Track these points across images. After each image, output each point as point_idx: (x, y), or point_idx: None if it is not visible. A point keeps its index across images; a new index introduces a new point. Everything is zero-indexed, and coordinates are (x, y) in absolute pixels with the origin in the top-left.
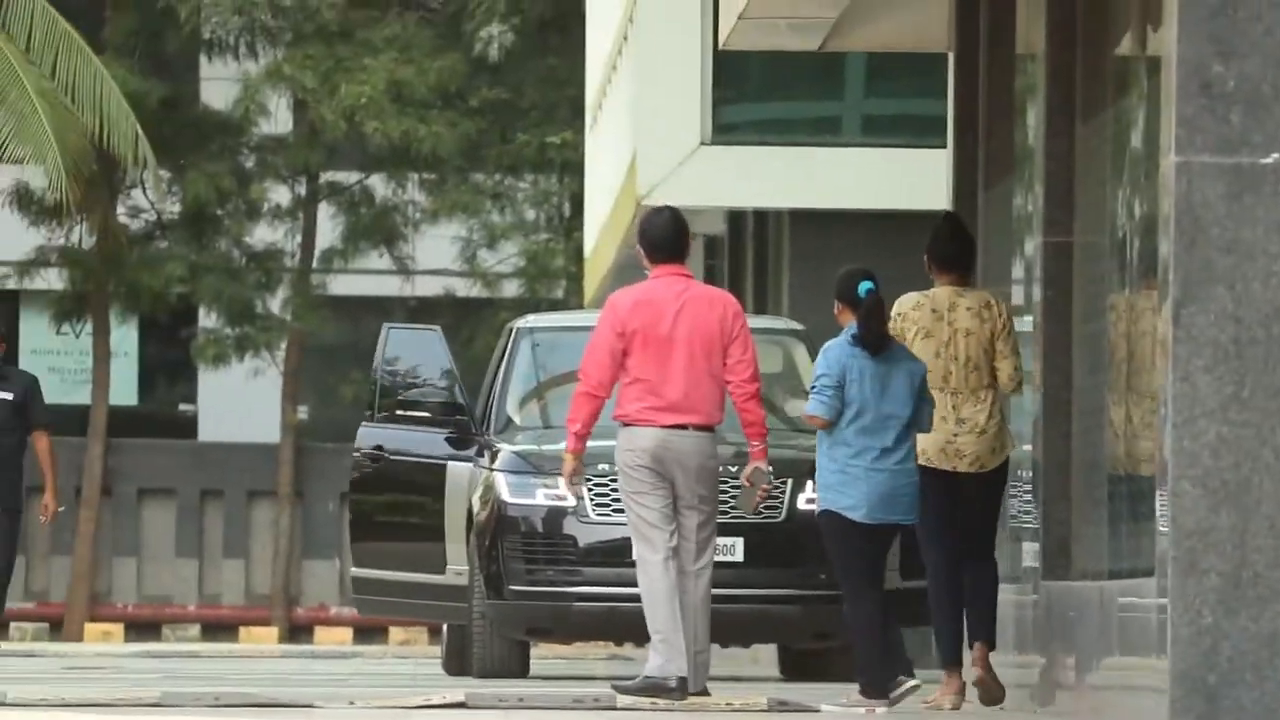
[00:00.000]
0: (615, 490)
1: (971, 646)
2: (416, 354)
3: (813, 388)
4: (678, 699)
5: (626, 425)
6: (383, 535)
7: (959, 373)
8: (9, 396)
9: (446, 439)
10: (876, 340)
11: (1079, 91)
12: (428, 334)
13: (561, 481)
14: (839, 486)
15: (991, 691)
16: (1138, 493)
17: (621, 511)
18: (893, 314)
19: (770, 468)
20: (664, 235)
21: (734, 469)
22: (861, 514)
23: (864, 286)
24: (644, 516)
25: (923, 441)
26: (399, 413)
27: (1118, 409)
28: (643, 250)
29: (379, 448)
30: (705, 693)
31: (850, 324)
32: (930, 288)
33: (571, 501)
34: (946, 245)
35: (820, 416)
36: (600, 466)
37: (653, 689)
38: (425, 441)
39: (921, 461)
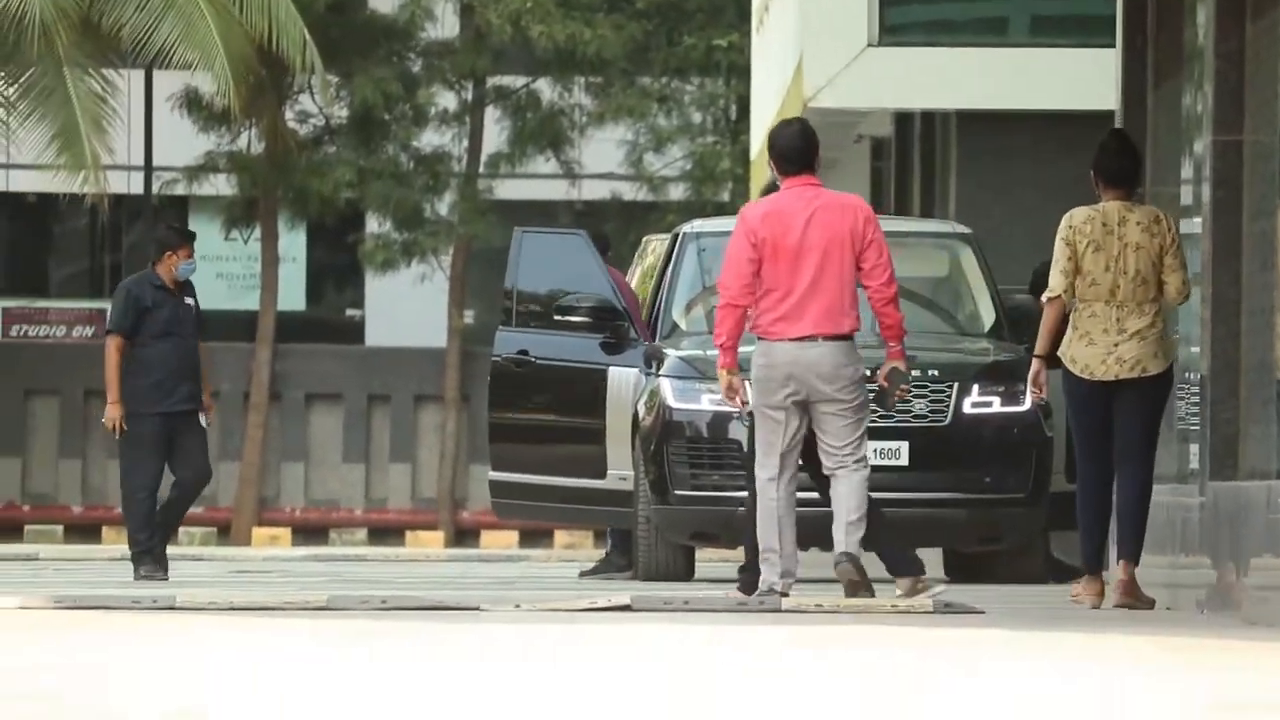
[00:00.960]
0: None
1: (1118, 560)
2: (555, 259)
3: None
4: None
5: (761, 339)
6: (532, 440)
7: (1127, 286)
8: (193, 303)
9: (602, 344)
10: None
11: None
12: (572, 238)
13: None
14: None
15: (1140, 607)
16: None
17: None
18: (1063, 224)
19: (907, 368)
20: (793, 146)
21: (875, 370)
22: None
23: None
24: (766, 433)
25: (1083, 356)
26: (555, 318)
27: None
28: (773, 163)
29: (523, 352)
30: (871, 592)
31: None
32: (1097, 201)
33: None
34: (1114, 160)
35: None
36: None
37: (766, 594)
38: (578, 347)
39: (1083, 374)
